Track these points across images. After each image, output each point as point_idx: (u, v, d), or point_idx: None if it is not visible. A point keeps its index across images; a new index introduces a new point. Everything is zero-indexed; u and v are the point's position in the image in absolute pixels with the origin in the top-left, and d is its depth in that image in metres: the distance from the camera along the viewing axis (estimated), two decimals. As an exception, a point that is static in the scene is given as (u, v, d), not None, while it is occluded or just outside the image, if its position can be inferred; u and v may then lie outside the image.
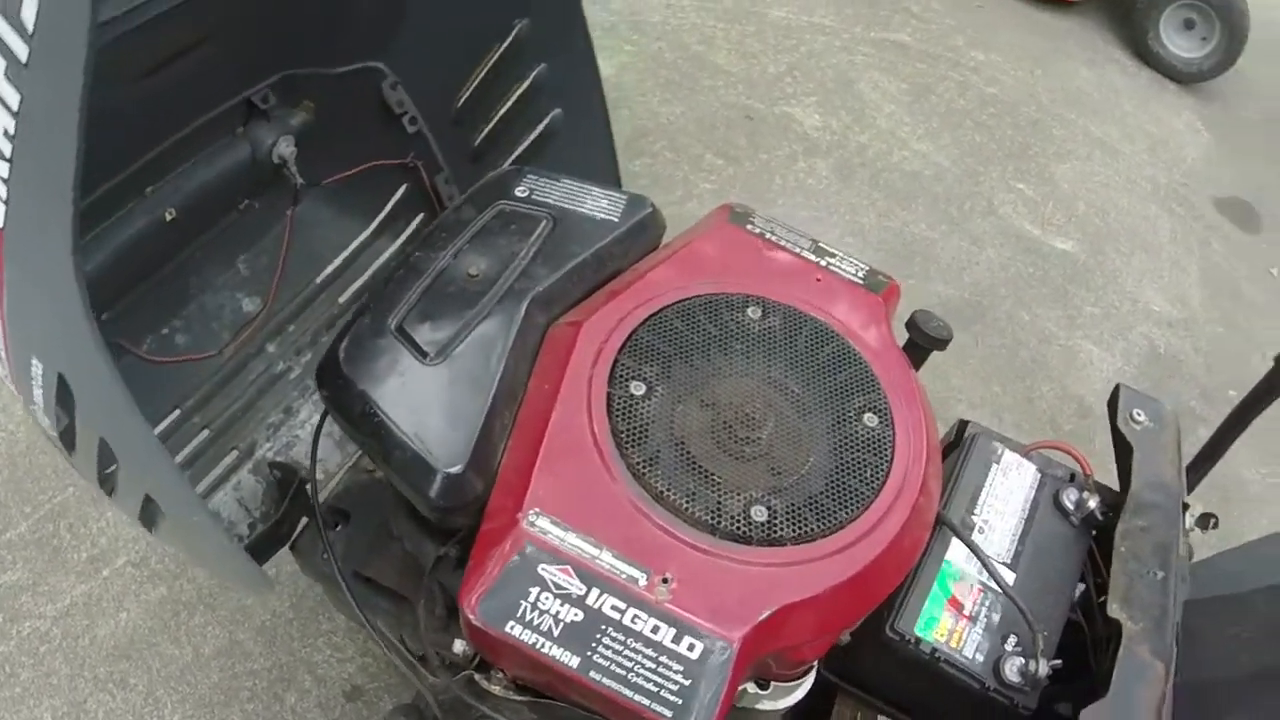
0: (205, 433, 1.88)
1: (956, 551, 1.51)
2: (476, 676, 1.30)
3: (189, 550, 1.72)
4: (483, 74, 2.00)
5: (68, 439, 1.39)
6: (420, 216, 2.06)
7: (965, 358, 3.48)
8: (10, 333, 1.26)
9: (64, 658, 2.45)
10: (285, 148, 1.89)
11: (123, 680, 2.42)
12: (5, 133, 1.07)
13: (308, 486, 1.70)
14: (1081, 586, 1.56)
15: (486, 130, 2.03)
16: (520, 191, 1.59)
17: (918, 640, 1.43)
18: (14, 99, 1.04)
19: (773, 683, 1.37)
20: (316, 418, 1.88)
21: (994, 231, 4.03)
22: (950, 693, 1.45)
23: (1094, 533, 1.62)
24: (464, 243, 1.50)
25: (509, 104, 2.01)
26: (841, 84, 4.45)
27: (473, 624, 1.19)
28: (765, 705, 1.40)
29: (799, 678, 1.40)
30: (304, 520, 1.84)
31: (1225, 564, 2.01)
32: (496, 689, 1.29)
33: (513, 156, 2.02)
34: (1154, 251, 4.20)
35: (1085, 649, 1.50)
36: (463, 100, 2.02)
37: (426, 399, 1.34)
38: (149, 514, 1.45)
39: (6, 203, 1.13)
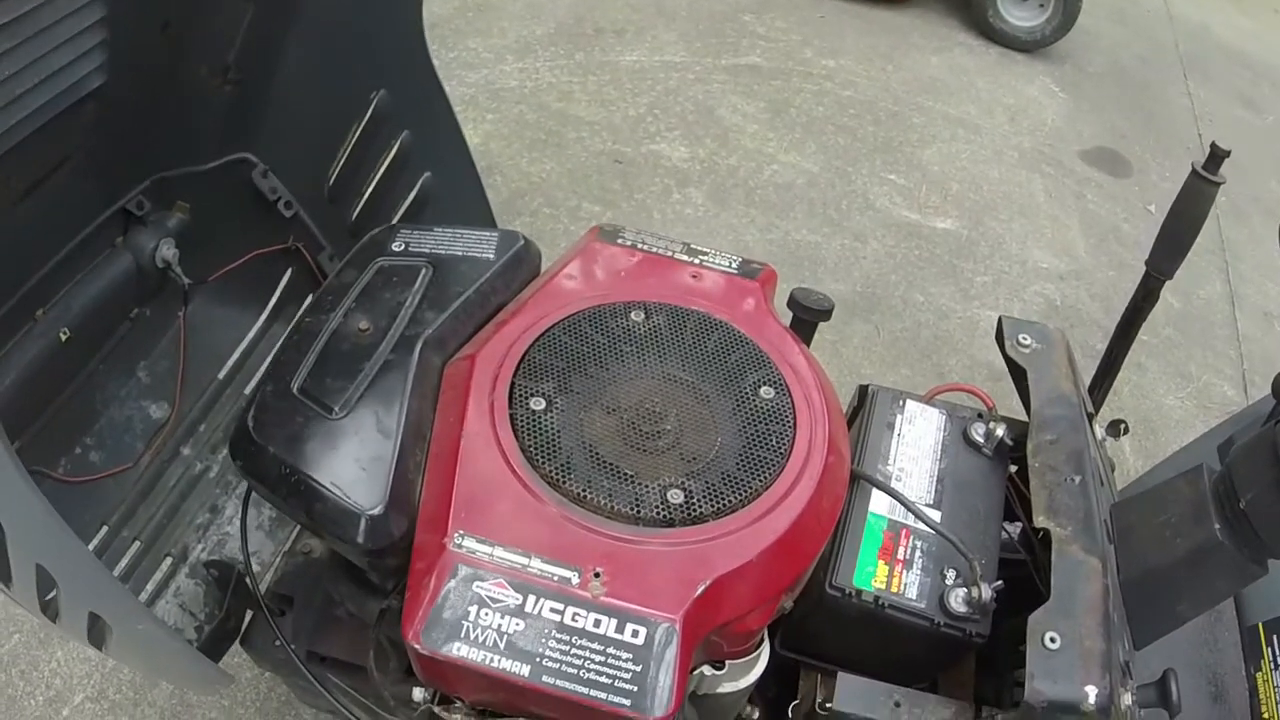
0: (136, 544, 1.88)
1: (879, 503, 1.56)
2: (436, 709, 1.32)
3: (143, 661, 1.70)
4: (350, 149, 2.04)
5: (3, 572, 1.37)
6: (310, 298, 2.02)
7: (870, 347, 3.56)
8: None
9: (37, 809, 2.39)
10: (167, 250, 1.92)
11: (101, 819, 2.37)
12: None
13: (247, 579, 1.72)
14: (1019, 526, 1.61)
15: (362, 203, 2.07)
16: (396, 246, 1.63)
17: (858, 592, 1.46)
18: None
19: (728, 662, 1.39)
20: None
21: (874, 224, 4.14)
22: (903, 638, 1.48)
23: (1014, 469, 1.68)
24: (350, 302, 1.53)
25: (380, 174, 2.05)
26: (702, 114, 4.56)
27: (420, 654, 1.20)
28: (726, 688, 1.42)
29: (752, 652, 1.43)
30: (249, 614, 1.85)
31: (1150, 477, 2.09)
32: (458, 718, 1.31)
33: (395, 218, 2.08)
34: (1032, 213, 4.33)
35: (1034, 583, 1.54)
36: (334, 177, 2.06)
37: (338, 451, 1.37)
38: (97, 632, 1.45)
39: None
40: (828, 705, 1.42)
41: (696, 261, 1.68)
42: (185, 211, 1.97)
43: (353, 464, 1.35)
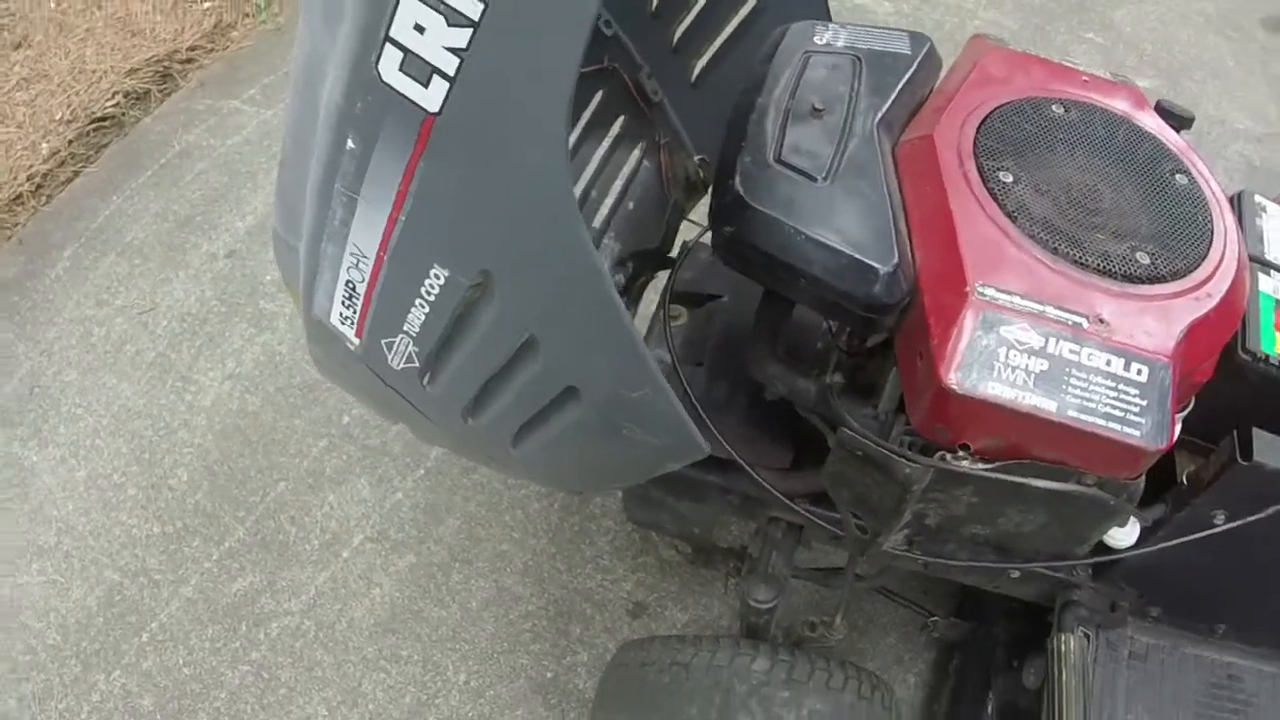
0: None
1: (1265, 284, 1.83)
2: (948, 457, 1.52)
3: (582, 453, 1.76)
4: (683, -38, 2.10)
5: (433, 364, 1.51)
6: (621, 119, 2.13)
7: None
8: (404, 241, 1.31)
9: (324, 648, 2.64)
10: None
11: (394, 654, 2.63)
12: None
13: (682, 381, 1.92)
14: None
15: (690, 18, 2.14)
16: (818, 39, 1.83)
17: (1266, 357, 1.72)
18: None
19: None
20: None
21: (1076, 80, 4.30)
22: None
23: None
24: (793, 85, 1.74)
25: (714, -12, 2.11)
26: (900, -33, 4.70)
27: (955, 395, 1.43)
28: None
29: (1184, 410, 1.68)
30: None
31: None
32: (966, 464, 1.52)
33: (720, 39, 2.16)
34: (1224, 76, 4.50)
35: None
36: (663, -7, 2.12)
37: (835, 214, 1.56)
38: (536, 421, 1.58)
39: (454, 80, 1.11)
40: (1247, 458, 1.65)
41: (1081, 67, 1.90)
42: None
43: (855, 225, 1.55)
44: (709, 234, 1.72)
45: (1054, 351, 1.45)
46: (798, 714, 1.81)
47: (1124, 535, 1.76)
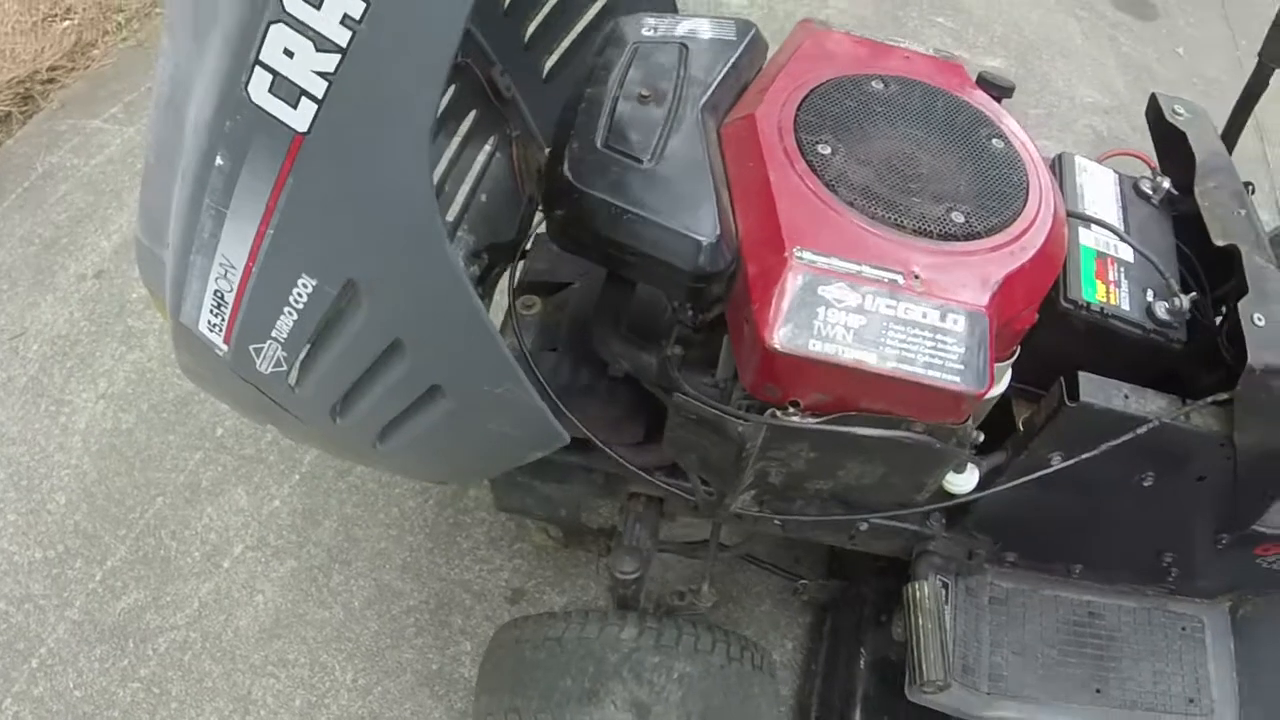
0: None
1: (1086, 237, 1.97)
2: (778, 413, 1.62)
3: (446, 447, 1.83)
4: (533, -40, 2.16)
5: (301, 368, 1.56)
6: (473, 113, 2.16)
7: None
8: (272, 253, 1.34)
9: (211, 658, 2.67)
10: None
11: (281, 659, 2.67)
12: (345, 16, 1.10)
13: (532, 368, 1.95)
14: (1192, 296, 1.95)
15: (542, 15, 2.20)
16: (647, 31, 1.92)
17: (1087, 304, 1.85)
18: None
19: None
20: None
21: (928, 63, 4.46)
22: (1116, 347, 1.88)
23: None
24: (622, 75, 1.82)
25: (565, -17, 2.18)
26: (757, -39, 4.83)
27: (779, 354, 1.51)
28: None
29: (1010, 359, 1.81)
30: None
31: None
32: (796, 419, 1.61)
33: (572, 35, 2.23)
34: (1072, 54, 4.69)
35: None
36: (515, -9, 2.18)
37: (659, 192, 1.64)
38: (402, 418, 1.65)
39: (321, 102, 1.16)
40: (1074, 399, 1.76)
41: (904, 45, 2.02)
42: (351, 25, 2.10)
43: (679, 202, 1.63)
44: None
45: (871, 308, 1.54)
46: (668, 678, 1.89)
47: (963, 481, 1.87)
